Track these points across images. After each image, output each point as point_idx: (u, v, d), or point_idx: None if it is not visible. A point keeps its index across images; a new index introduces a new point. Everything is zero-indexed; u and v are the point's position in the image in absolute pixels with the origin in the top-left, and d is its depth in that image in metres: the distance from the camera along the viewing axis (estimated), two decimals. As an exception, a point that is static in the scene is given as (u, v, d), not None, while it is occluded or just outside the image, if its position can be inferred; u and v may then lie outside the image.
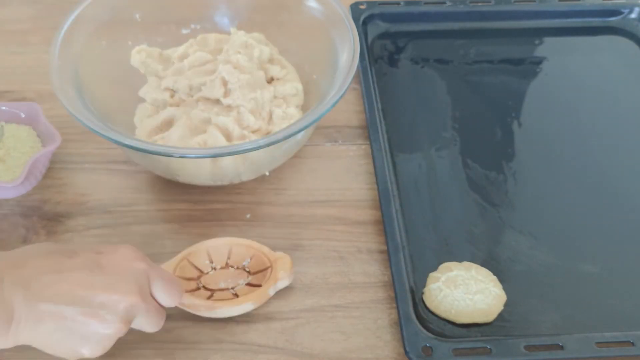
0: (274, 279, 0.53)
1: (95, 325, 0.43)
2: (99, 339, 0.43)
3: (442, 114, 0.69)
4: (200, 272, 0.54)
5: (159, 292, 0.47)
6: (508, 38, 0.79)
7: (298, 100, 0.65)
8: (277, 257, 0.55)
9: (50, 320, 0.42)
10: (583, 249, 0.58)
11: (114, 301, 0.43)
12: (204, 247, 0.55)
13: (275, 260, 0.54)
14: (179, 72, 0.64)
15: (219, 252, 0.55)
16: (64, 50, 0.58)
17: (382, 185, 0.60)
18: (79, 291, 0.42)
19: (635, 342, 0.51)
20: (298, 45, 0.68)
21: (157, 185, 0.62)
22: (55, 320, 0.42)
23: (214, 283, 0.54)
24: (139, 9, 0.67)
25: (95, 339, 0.43)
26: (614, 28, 0.80)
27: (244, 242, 0.56)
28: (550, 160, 0.65)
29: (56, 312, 0.42)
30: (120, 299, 0.43)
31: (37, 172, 0.61)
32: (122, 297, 0.43)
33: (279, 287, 0.54)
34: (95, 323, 0.43)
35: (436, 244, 0.58)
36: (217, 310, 0.52)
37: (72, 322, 0.42)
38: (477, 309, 0.52)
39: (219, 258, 0.55)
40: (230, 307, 0.52)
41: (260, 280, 0.54)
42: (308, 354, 0.51)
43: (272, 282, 0.53)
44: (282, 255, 0.55)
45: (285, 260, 0.54)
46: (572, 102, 0.71)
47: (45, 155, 0.60)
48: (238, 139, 0.58)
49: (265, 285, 0.53)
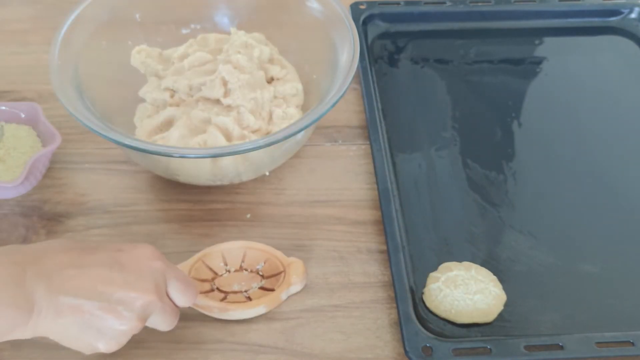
0: (287, 284, 0.54)
1: (112, 321, 0.44)
2: (114, 334, 0.44)
3: (442, 114, 0.69)
4: (214, 274, 0.55)
5: (174, 292, 0.48)
6: (508, 38, 0.79)
7: (298, 100, 0.65)
8: (291, 261, 0.55)
9: (70, 313, 0.42)
10: (583, 249, 0.58)
11: (132, 298, 0.44)
12: (219, 250, 0.55)
13: (289, 265, 0.55)
14: (179, 72, 0.64)
15: (234, 255, 0.56)
16: (64, 50, 0.58)
17: (382, 185, 0.60)
18: (99, 286, 0.43)
19: (635, 342, 0.51)
20: (298, 45, 0.68)
21: (157, 185, 0.62)
22: (74, 314, 0.43)
23: (227, 285, 0.54)
24: (139, 9, 0.67)
25: (111, 334, 0.44)
26: (614, 28, 0.80)
27: (259, 246, 0.56)
28: (550, 160, 0.65)
29: (76, 306, 0.42)
30: (137, 296, 0.44)
31: (37, 172, 0.61)
32: (139, 295, 0.44)
33: (291, 292, 0.54)
34: (112, 319, 0.43)
35: (436, 244, 0.58)
36: (230, 313, 0.52)
37: (90, 316, 0.43)
38: (477, 309, 0.52)
39: (234, 261, 0.55)
40: (243, 310, 0.52)
41: (273, 285, 0.54)
42: (308, 354, 0.51)
43: (285, 287, 0.53)
44: (295, 260, 0.55)
45: (298, 265, 0.55)
46: (572, 102, 0.71)
47: (45, 155, 0.60)
48: (238, 139, 0.58)
49: (278, 290, 0.53)
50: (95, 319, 0.43)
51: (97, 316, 0.43)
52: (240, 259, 0.56)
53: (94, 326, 0.43)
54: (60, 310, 0.42)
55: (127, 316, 0.44)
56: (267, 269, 0.55)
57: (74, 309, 0.42)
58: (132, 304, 0.44)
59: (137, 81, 0.66)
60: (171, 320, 0.48)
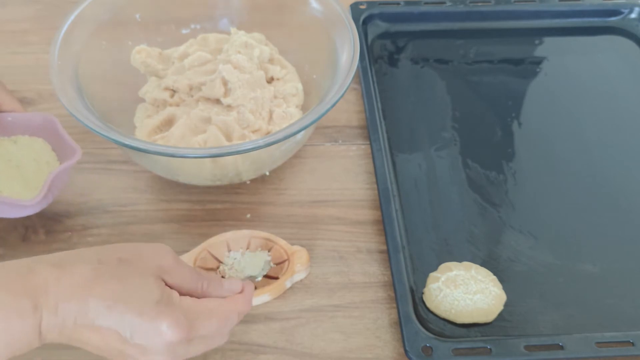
0: (291, 272, 0.54)
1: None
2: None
3: (442, 114, 0.69)
4: (219, 263, 0.55)
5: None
6: (508, 38, 0.79)
7: (298, 100, 0.65)
8: (294, 250, 0.56)
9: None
10: (583, 249, 0.58)
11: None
12: (223, 239, 0.56)
13: (293, 253, 0.55)
14: (179, 72, 0.64)
15: (238, 244, 0.56)
16: (64, 50, 0.58)
17: (382, 185, 0.60)
18: (111, 344, 0.41)
19: (635, 342, 0.51)
20: (298, 45, 0.68)
21: (157, 185, 0.62)
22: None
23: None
24: (139, 9, 0.67)
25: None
26: (614, 28, 0.80)
27: (263, 235, 0.57)
28: (550, 160, 0.65)
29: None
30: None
31: (55, 188, 0.55)
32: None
33: (295, 280, 0.55)
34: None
35: (436, 244, 0.58)
36: None
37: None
38: (477, 308, 0.52)
39: (238, 250, 0.56)
40: None
41: (277, 273, 0.55)
42: (308, 354, 0.51)
43: (289, 275, 0.54)
44: (299, 249, 0.56)
45: (302, 254, 0.55)
46: (572, 102, 0.71)
47: (64, 171, 0.55)
48: (238, 139, 0.58)
49: (283, 278, 0.54)
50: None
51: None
52: (245, 248, 0.56)
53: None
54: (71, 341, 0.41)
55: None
56: (271, 257, 0.56)
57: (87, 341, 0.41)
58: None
59: (137, 81, 0.66)
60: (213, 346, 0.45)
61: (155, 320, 0.41)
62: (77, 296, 0.40)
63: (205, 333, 0.43)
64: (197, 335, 0.43)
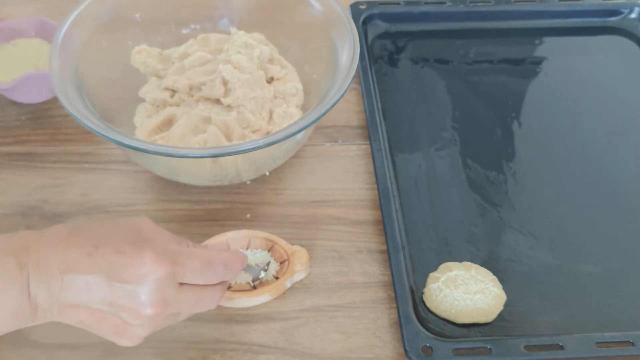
0: (291, 272, 0.54)
1: (113, 328, 0.43)
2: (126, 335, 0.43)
3: (442, 114, 0.69)
4: None
5: (194, 279, 0.44)
6: (508, 38, 0.79)
7: (298, 100, 0.65)
8: (294, 250, 0.56)
9: (73, 314, 0.42)
10: (583, 249, 0.58)
11: (135, 312, 0.42)
12: (223, 239, 0.56)
13: (293, 253, 0.55)
14: (179, 71, 0.64)
15: (239, 244, 0.56)
16: (64, 50, 0.58)
17: (382, 185, 0.60)
18: (100, 291, 0.42)
19: (635, 342, 0.51)
20: (298, 45, 0.68)
21: (157, 185, 0.62)
22: (78, 315, 0.42)
23: None
24: (139, 9, 0.67)
25: (123, 334, 0.43)
26: (614, 28, 0.80)
27: (263, 235, 0.57)
28: (550, 160, 0.65)
29: (78, 308, 0.41)
30: (139, 312, 0.42)
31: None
32: (140, 311, 0.42)
33: (295, 280, 0.55)
34: (115, 326, 0.42)
35: (436, 244, 0.58)
36: (236, 301, 0.53)
37: (97, 319, 0.42)
38: (477, 308, 0.52)
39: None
40: (248, 298, 0.53)
41: (277, 273, 0.55)
42: (308, 354, 0.51)
43: (289, 275, 0.54)
44: (299, 249, 0.56)
45: (302, 254, 0.55)
46: (572, 102, 0.71)
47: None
48: (238, 139, 0.58)
49: (283, 278, 0.54)
50: (100, 324, 0.42)
51: (102, 320, 0.42)
52: (245, 248, 0.56)
53: (101, 327, 0.42)
54: (63, 312, 0.42)
55: (131, 326, 0.42)
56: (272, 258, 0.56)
57: (77, 311, 0.42)
58: (136, 316, 0.42)
59: (137, 81, 0.66)
60: (204, 305, 0.45)
61: (138, 256, 0.41)
62: (58, 249, 0.41)
63: (190, 270, 0.43)
64: (182, 271, 0.42)
